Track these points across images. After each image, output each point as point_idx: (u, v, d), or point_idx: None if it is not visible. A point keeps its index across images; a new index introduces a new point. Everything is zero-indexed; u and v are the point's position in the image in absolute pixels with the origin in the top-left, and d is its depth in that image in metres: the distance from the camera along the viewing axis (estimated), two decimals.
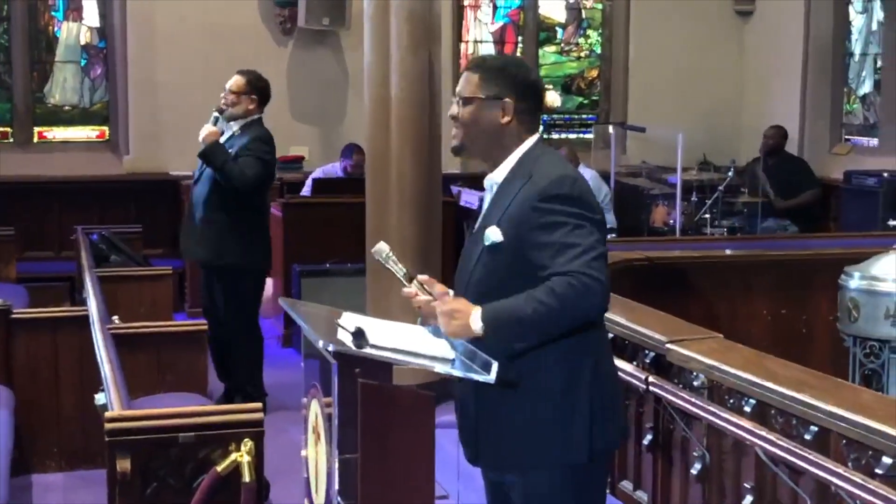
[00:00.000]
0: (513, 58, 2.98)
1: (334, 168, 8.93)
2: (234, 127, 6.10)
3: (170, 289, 6.49)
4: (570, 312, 2.72)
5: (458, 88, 2.99)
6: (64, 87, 9.45)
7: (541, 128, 3.05)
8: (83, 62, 9.49)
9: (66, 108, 9.49)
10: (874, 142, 9.54)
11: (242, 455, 3.16)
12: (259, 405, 3.29)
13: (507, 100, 2.91)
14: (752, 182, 8.91)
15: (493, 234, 2.85)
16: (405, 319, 3.05)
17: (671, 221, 8.47)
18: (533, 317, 2.70)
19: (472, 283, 2.90)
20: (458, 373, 2.68)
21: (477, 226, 2.97)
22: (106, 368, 3.81)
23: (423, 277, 2.93)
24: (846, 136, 9.88)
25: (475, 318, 2.72)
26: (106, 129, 9.53)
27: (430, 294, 2.87)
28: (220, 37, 9.20)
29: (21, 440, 5.11)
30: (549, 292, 2.69)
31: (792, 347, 5.30)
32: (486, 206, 2.99)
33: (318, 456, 2.93)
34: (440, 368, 2.68)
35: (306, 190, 8.74)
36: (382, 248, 2.89)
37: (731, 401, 3.47)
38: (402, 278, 2.88)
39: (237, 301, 6.12)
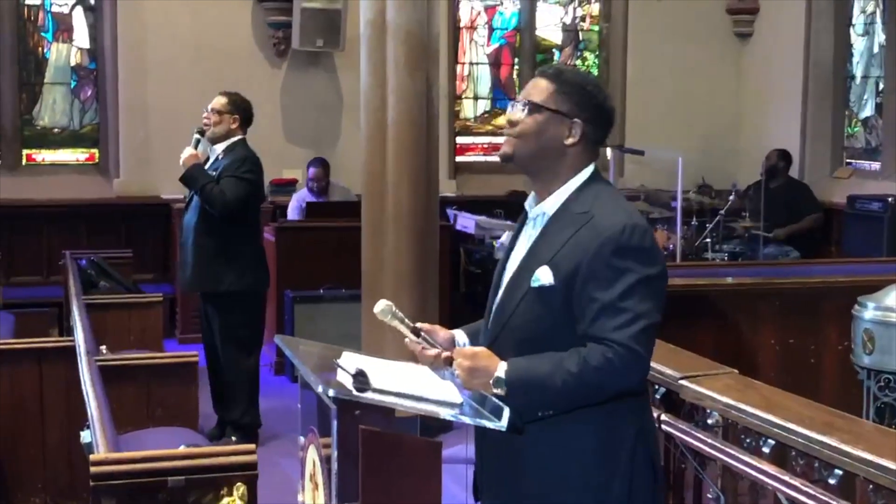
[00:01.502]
0: (592, 77, 2.72)
1: (306, 194, 8.77)
2: (218, 150, 6.03)
3: (160, 316, 6.35)
4: (603, 388, 2.53)
5: (523, 92, 2.72)
6: (53, 109, 9.30)
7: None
8: (73, 84, 9.35)
9: (56, 130, 9.33)
10: (876, 165, 9.42)
11: (234, 500, 3.00)
12: (252, 446, 3.13)
13: (577, 120, 2.66)
14: (755, 206, 8.77)
15: (544, 276, 2.59)
16: (402, 348, 2.86)
17: (670, 246, 8.33)
18: (561, 389, 2.49)
19: (510, 327, 2.66)
20: (466, 419, 2.50)
21: (519, 260, 2.71)
22: (92, 406, 3.64)
23: (424, 326, 2.73)
24: (847, 160, 9.76)
25: (497, 379, 2.52)
26: (96, 151, 9.38)
27: (435, 346, 2.68)
28: (213, 59, 9.07)
29: (5, 476, 4.94)
30: (583, 364, 2.49)
31: (801, 378, 5.15)
32: (526, 236, 2.74)
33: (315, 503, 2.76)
34: (447, 414, 2.51)
35: (292, 214, 8.59)
36: (386, 306, 2.65)
37: (748, 440, 3.31)
38: (408, 334, 2.68)
39: (233, 328, 5.98)
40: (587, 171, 2.71)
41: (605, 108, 2.72)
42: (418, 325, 2.72)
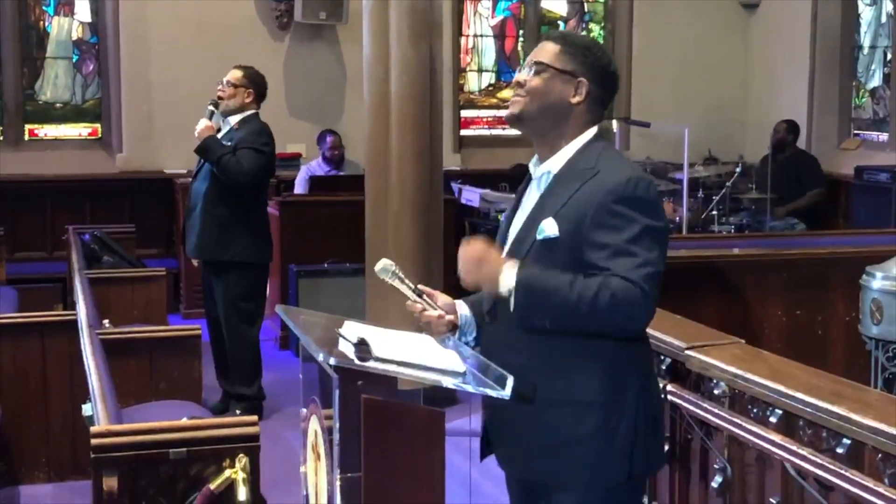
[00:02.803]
0: (598, 42, 2.83)
1: (318, 164, 8.77)
2: (232, 122, 6.02)
3: (163, 290, 6.34)
4: (613, 316, 2.52)
5: (531, 56, 2.77)
6: (55, 83, 9.25)
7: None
8: (75, 58, 9.29)
9: (58, 105, 9.29)
10: (884, 137, 9.35)
11: (237, 471, 2.97)
12: (254, 418, 3.10)
13: (582, 79, 2.71)
14: (761, 177, 8.72)
15: (549, 228, 2.62)
16: (406, 322, 2.85)
17: (677, 219, 8.29)
18: (575, 303, 2.50)
19: None
20: (469, 387, 2.48)
21: (525, 218, 2.74)
22: (93, 378, 3.61)
23: (424, 290, 2.73)
24: (855, 131, 9.69)
25: (508, 276, 2.54)
26: (98, 126, 9.33)
27: (436, 307, 2.68)
28: (215, 32, 9.02)
29: (8, 450, 4.94)
30: (603, 286, 2.50)
31: (808, 349, 5.12)
32: (532, 196, 2.77)
33: (317, 474, 2.74)
34: (450, 382, 2.48)
35: (299, 190, 8.57)
36: (387, 265, 2.66)
37: (755, 410, 3.28)
38: (410, 294, 2.68)
39: (236, 298, 5.96)
40: (591, 132, 2.76)
41: (609, 69, 2.79)
42: (420, 286, 2.71)
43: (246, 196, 5.91)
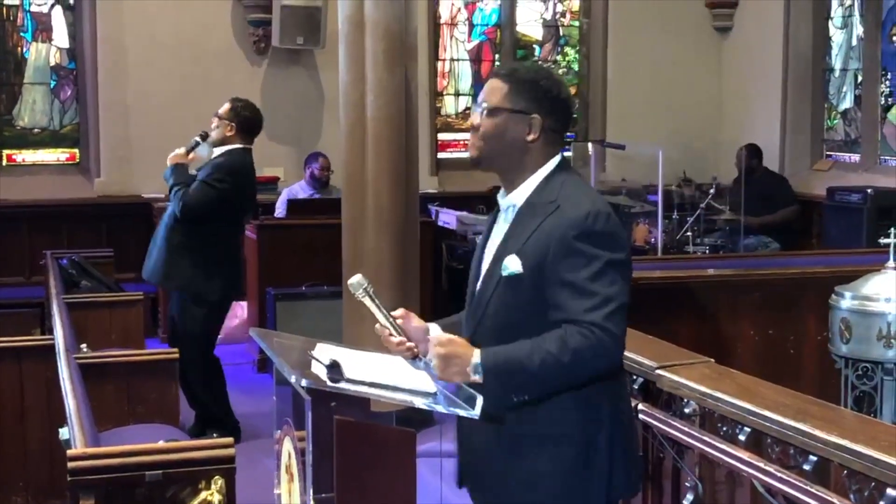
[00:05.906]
0: (545, 70, 2.83)
1: (301, 187, 8.80)
2: (216, 152, 6.03)
3: (141, 315, 6.32)
4: (580, 369, 2.55)
5: (481, 96, 2.78)
6: (33, 109, 9.25)
7: (564, 148, 2.88)
8: (52, 84, 9.31)
9: (36, 130, 9.28)
10: (855, 158, 9.47)
11: (213, 493, 2.99)
12: (230, 440, 3.12)
13: (535, 116, 2.72)
14: (734, 199, 8.80)
15: (513, 265, 2.65)
16: (382, 345, 2.88)
17: (652, 240, 8.36)
18: (540, 370, 2.52)
19: (487, 316, 2.72)
20: (440, 408, 2.52)
21: (494, 251, 2.77)
22: (70, 402, 3.63)
23: (397, 313, 2.76)
24: (827, 153, 9.80)
25: (475, 365, 2.54)
26: (76, 151, 9.34)
27: (405, 335, 2.70)
28: (193, 57, 9.05)
29: None
30: (562, 345, 2.52)
31: (780, 368, 5.18)
32: (500, 228, 2.80)
33: (291, 496, 2.76)
34: (421, 403, 2.52)
35: (280, 212, 8.59)
36: (360, 280, 2.68)
37: (725, 429, 3.32)
38: (378, 314, 2.71)
39: (188, 327, 6.02)
40: (553, 162, 2.77)
41: (561, 99, 2.78)
42: (394, 313, 2.74)
43: (201, 231, 5.88)
